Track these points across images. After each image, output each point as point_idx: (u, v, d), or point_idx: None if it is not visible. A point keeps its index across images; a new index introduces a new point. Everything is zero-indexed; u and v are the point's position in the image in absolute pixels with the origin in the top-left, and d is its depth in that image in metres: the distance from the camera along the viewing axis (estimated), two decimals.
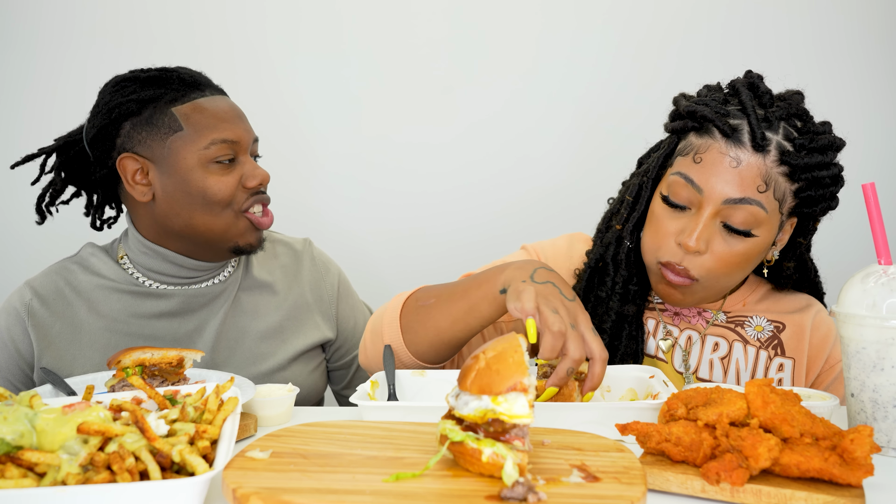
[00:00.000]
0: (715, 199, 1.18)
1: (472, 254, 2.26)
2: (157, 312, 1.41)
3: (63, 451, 0.76)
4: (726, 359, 1.33)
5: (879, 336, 0.96)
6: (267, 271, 1.52)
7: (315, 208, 2.27)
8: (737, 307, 1.39)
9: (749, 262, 1.24)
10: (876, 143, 2.18)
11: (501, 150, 2.26)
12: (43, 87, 2.21)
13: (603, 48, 2.22)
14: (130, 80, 1.39)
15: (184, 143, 1.35)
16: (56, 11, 2.20)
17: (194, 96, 1.38)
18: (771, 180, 1.17)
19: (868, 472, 0.78)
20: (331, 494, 0.72)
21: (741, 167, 1.16)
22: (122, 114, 1.36)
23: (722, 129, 1.17)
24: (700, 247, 1.19)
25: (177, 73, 1.40)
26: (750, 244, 1.20)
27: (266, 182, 1.41)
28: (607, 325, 1.31)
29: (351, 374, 1.60)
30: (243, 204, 1.39)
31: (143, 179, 1.37)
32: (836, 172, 1.21)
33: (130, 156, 1.36)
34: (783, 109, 1.19)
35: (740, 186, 1.16)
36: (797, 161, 1.17)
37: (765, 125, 1.17)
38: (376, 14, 2.23)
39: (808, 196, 1.21)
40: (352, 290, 1.62)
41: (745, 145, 1.17)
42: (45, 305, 1.39)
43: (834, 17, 2.18)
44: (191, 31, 2.22)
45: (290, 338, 1.48)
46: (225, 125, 1.37)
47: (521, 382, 0.77)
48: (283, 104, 2.25)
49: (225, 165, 1.37)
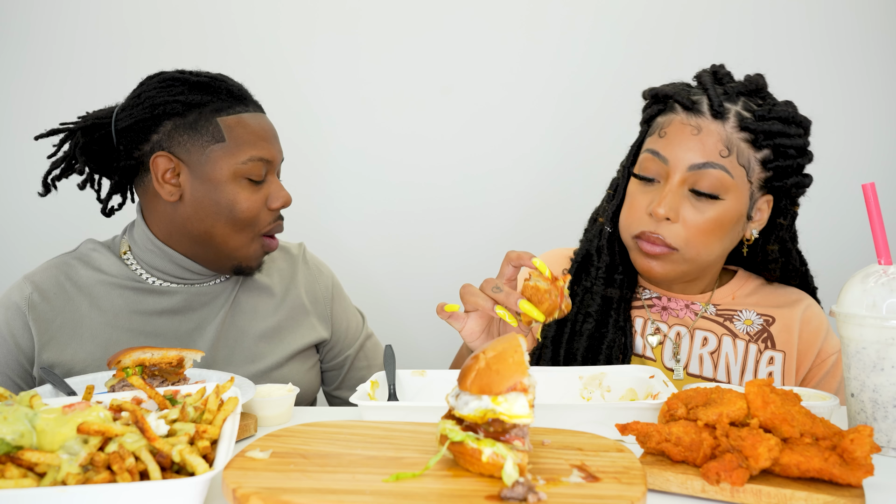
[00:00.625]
0: (680, 167, 1.24)
1: (465, 258, 2.26)
2: (158, 309, 1.42)
3: (63, 451, 0.76)
4: (716, 353, 1.34)
5: (879, 336, 0.96)
6: (265, 274, 1.53)
7: (307, 214, 2.26)
8: (726, 300, 1.39)
9: (723, 230, 1.26)
10: (876, 143, 2.18)
11: (496, 150, 2.25)
12: (35, 80, 2.21)
13: (601, 48, 2.22)
14: (179, 80, 1.40)
15: (223, 154, 1.36)
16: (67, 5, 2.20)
17: (239, 110, 1.40)
18: (733, 146, 1.22)
19: (868, 472, 0.78)
20: (331, 494, 0.72)
21: (702, 133, 1.23)
22: (166, 112, 1.37)
23: (682, 102, 1.25)
24: (669, 213, 1.24)
25: (225, 84, 1.41)
26: (720, 209, 1.24)
27: (288, 204, 1.43)
28: (592, 308, 1.34)
29: (342, 375, 1.62)
30: (266, 227, 1.41)
31: (172, 179, 1.37)
32: (802, 144, 1.26)
33: (166, 155, 1.36)
34: (742, 85, 1.27)
35: (702, 152, 1.23)
36: (756, 126, 1.23)
37: (724, 96, 1.24)
38: (375, 19, 2.24)
39: (777, 167, 1.25)
40: (344, 292, 1.65)
41: (704, 114, 1.24)
42: (46, 299, 1.39)
43: (833, 17, 2.17)
44: (177, 31, 2.22)
45: (286, 338, 1.50)
46: (263, 143, 1.39)
47: (521, 382, 0.77)
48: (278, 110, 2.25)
49: (255, 183, 1.38)
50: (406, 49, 2.24)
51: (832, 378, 1.38)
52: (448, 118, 2.26)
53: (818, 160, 2.24)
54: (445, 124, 2.26)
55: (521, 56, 2.24)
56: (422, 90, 2.25)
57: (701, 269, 1.33)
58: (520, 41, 2.24)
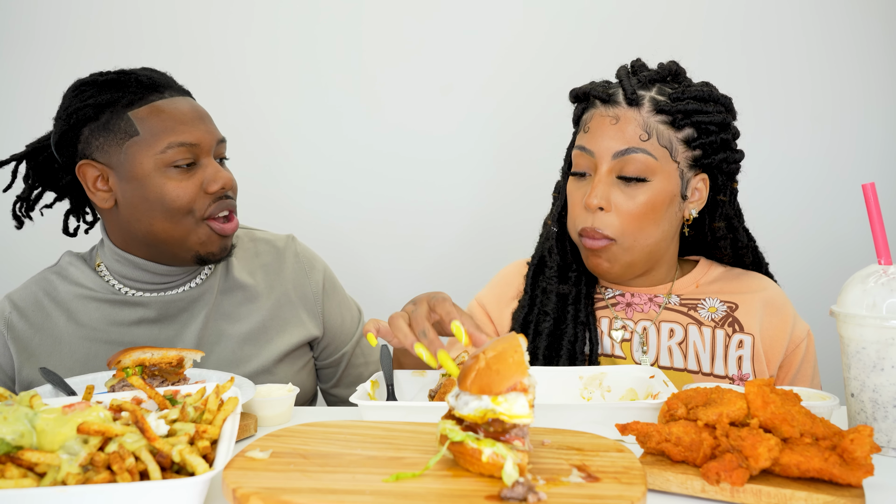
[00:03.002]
0: (605, 157, 1.30)
1: (460, 249, 2.26)
2: (135, 319, 1.39)
3: (63, 451, 0.76)
4: (683, 343, 1.36)
5: (879, 336, 0.96)
6: (248, 272, 1.48)
7: (300, 204, 2.26)
8: (689, 289, 1.42)
9: (656, 213, 1.30)
10: (876, 143, 2.18)
11: (492, 147, 2.25)
12: (7, 94, 2.22)
13: (603, 47, 2.22)
14: (90, 83, 1.35)
15: (140, 148, 1.30)
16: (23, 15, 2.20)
17: (152, 99, 1.33)
18: (651, 129, 1.29)
19: (868, 472, 0.78)
20: (331, 494, 0.72)
21: (620, 122, 1.29)
22: (81, 119, 1.32)
23: (599, 96, 1.32)
24: (601, 202, 1.29)
25: (135, 76, 1.35)
26: (649, 192, 1.29)
27: (230, 186, 1.36)
28: (549, 307, 1.39)
29: (340, 372, 1.58)
30: (206, 210, 1.34)
31: (103, 186, 1.33)
32: (721, 120, 1.31)
33: (89, 163, 1.33)
34: (656, 73, 1.34)
35: (623, 139, 1.29)
36: (672, 107, 1.29)
37: (637, 85, 1.31)
38: (370, 11, 2.24)
39: (703, 144, 1.31)
40: (338, 286, 1.59)
41: (620, 104, 1.31)
42: (24, 318, 1.38)
43: (832, 16, 2.17)
44: (175, 29, 2.22)
45: (274, 338, 1.46)
46: (182, 127, 1.32)
47: (521, 382, 0.77)
48: (271, 100, 2.25)
49: (184, 170, 1.32)
50: (408, 45, 2.24)
51: (807, 364, 1.40)
52: (448, 114, 2.26)
53: (819, 160, 2.25)
54: (445, 120, 2.25)
55: (521, 56, 2.24)
56: (424, 86, 2.25)
57: (648, 257, 1.35)
58: (519, 39, 2.24)
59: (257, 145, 2.21)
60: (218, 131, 1.38)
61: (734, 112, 1.36)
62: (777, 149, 2.18)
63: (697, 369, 1.34)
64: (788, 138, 2.18)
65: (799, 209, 2.20)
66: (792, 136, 2.18)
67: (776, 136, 2.18)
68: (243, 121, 2.18)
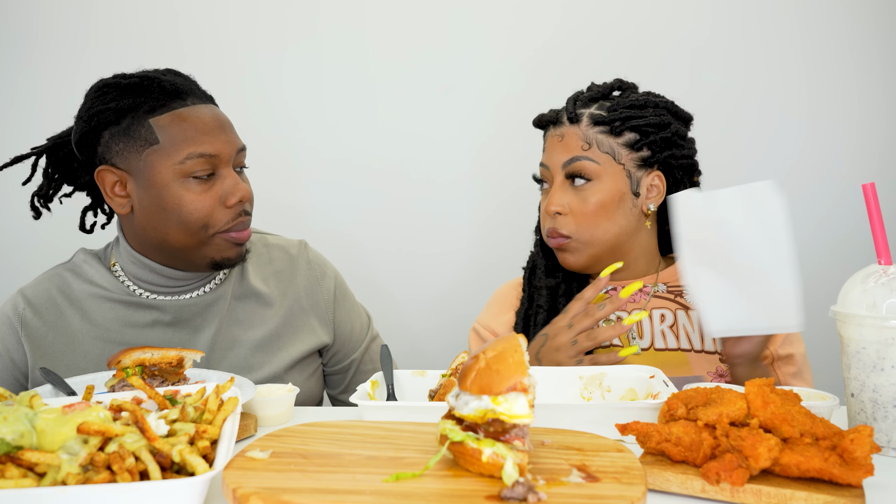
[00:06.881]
0: (557, 168, 1.47)
1: (469, 251, 2.26)
2: (149, 322, 1.38)
3: (63, 451, 0.76)
4: (674, 326, 1.47)
5: (879, 336, 0.96)
6: (262, 279, 1.48)
7: (309, 208, 2.27)
8: (674, 278, 1.53)
9: (607, 211, 1.44)
10: (876, 143, 2.18)
11: (499, 147, 2.25)
12: (29, 89, 2.22)
13: (602, 47, 2.22)
14: (112, 86, 1.33)
15: (159, 157, 1.29)
16: (45, 11, 2.20)
17: (174, 106, 1.31)
18: (591, 139, 1.45)
19: (868, 472, 0.78)
20: (331, 494, 0.72)
21: (565, 138, 1.47)
22: (102, 123, 1.31)
23: (550, 120, 1.51)
24: (558, 207, 1.45)
25: (158, 81, 1.33)
26: (598, 194, 1.43)
27: (248, 198, 1.35)
28: (541, 301, 1.52)
29: (348, 379, 1.58)
30: (223, 226, 1.33)
31: (121, 192, 1.32)
32: (658, 121, 1.44)
33: (108, 168, 1.31)
34: (597, 92, 1.50)
35: (567, 151, 1.46)
36: (606, 118, 1.44)
37: (578, 105, 1.49)
38: (371, 12, 2.24)
39: (647, 144, 1.44)
40: (349, 292, 1.59)
41: (564, 123, 1.49)
42: (38, 315, 1.37)
43: (832, 16, 2.17)
44: (175, 29, 2.22)
45: (285, 345, 1.45)
46: (203, 138, 1.30)
47: (521, 382, 0.77)
48: (281, 103, 2.26)
49: (203, 181, 1.30)
50: (409, 48, 2.24)
51: (795, 336, 1.48)
52: (452, 116, 2.26)
53: (819, 160, 2.24)
54: (450, 122, 2.26)
55: (521, 55, 2.24)
56: (427, 87, 2.25)
57: (612, 249, 1.47)
58: (519, 38, 2.24)
59: (264, 148, 2.21)
60: (238, 140, 1.37)
61: (681, 114, 1.49)
62: (777, 149, 2.18)
63: (690, 347, 1.45)
64: (788, 138, 2.18)
65: (798, 209, 2.19)
66: (791, 136, 2.18)
67: (776, 136, 2.18)
68: (250, 123, 2.18)
